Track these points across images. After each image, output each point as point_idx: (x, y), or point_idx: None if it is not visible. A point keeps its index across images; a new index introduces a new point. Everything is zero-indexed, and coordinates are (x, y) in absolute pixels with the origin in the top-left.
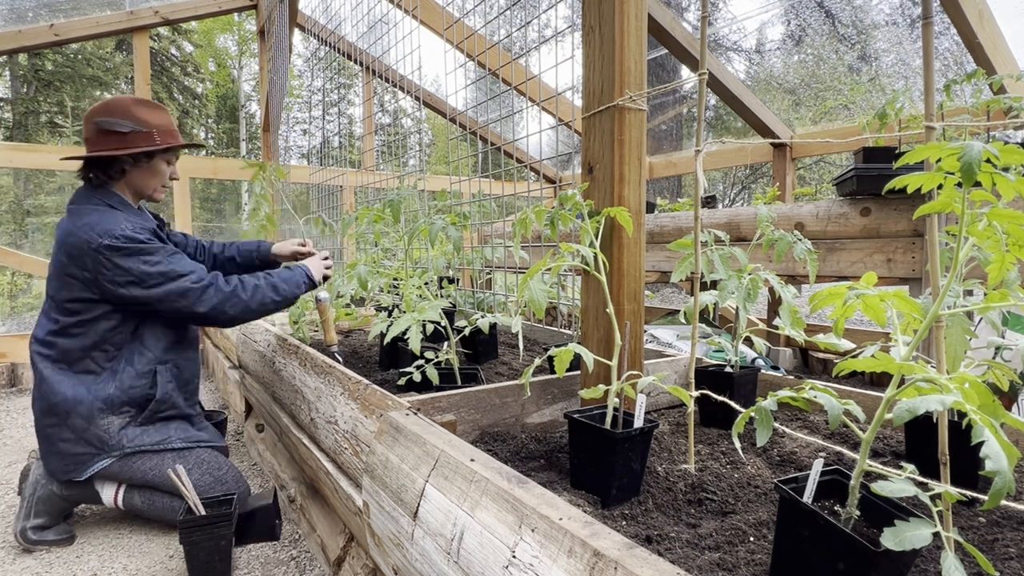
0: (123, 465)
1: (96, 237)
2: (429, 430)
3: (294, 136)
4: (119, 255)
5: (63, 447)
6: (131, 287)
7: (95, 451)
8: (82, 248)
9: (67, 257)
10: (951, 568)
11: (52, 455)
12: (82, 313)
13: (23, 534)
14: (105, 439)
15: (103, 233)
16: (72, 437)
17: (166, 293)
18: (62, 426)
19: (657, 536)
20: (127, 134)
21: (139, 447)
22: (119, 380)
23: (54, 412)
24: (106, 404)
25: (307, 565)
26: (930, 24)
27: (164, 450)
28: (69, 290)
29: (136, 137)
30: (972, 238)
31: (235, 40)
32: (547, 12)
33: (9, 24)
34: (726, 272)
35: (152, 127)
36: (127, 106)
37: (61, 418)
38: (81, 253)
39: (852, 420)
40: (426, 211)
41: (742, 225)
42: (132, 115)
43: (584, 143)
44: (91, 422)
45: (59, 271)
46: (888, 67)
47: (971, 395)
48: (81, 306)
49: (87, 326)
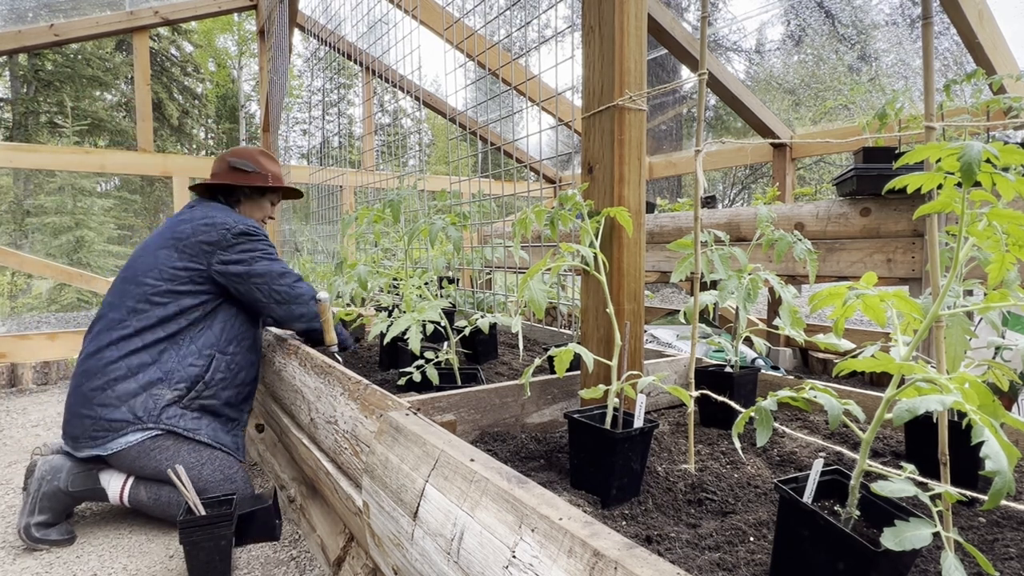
0: (143, 450)
1: (233, 222)
2: (429, 430)
3: (294, 136)
4: (247, 237)
5: (101, 412)
6: (242, 264)
7: (132, 420)
8: (218, 225)
9: (193, 230)
10: (951, 568)
11: (84, 419)
12: (180, 282)
13: (26, 531)
14: (150, 409)
15: (239, 221)
16: (115, 403)
17: (269, 269)
18: (108, 391)
19: (657, 536)
20: (249, 173)
21: (173, 428)
22: (180, 355)
23: (108, 374)
24: (165, 375)
25: (307, 565)
26: (930, 24)
27: (190, 439)
28: (179, 259)
29: (255, 176)
30: (972, 238)
31: (235, 40)
32: (547, 12)
33: (9, 24)
34: (726, 272)
35: (268, 172)
36: (254, 154)
37: (112, 382)
38: (214, 228)
39: (852, 420)
40: (426, 211)
41: (742, 225)
42: (256, 160)
43: (584, 143)
44: (146, 388)
45: (173, 241)
46: (888, 67)
47: (971, 395)
48: (184, 273)
49: (176, 296)
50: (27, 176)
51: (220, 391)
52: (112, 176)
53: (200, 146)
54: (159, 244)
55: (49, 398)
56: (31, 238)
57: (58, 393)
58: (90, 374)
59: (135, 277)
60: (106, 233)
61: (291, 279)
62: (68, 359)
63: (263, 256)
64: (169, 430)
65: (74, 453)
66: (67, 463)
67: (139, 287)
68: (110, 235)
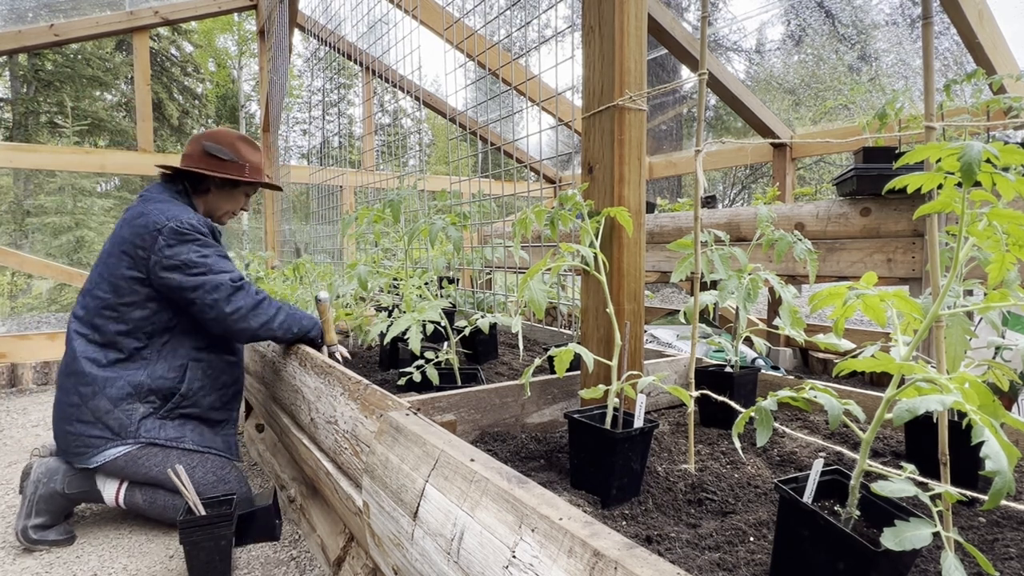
0: (130, 459)
1: (163, 219)
2: (429, 430)
3: (294, 136)
4: (176, 238)
5: (80, 428)
6: (174, 271)
7: (110, 436)
8: (148, 226)
9: (131, 233)
10: (951, 568)
11: (67, 435)
12: (124, 294)
13: (24, 533)
14: (125, 424)
15: (171, 217)
16: (91, 419)
17: (202, 283)
18: (83, 407)
19: (657, 536)
20: (224, 161)
21: (154, 440)
22: (151, 369)
23: (80, 391)
24: (135, 389)
25: (307, 565)
26: (930, 24)
27: (175, 447)
28: (120, 267)
29: (231, 166)
30: (972, 238)
31: (235, 40)
32: (547, 12)
33: (9, 24)
34: (726, 272)
35: (246, 162)
36: (232, 139)
37: (85, 398)
38: (145, 231)
39: (852, 420)
40: (426, 211)
41: (742, 225)
42: (234, 147)
43: (584, 143)
44: (117, 404)
45: (117, 246)
46: (888, 67)
47: (971, 395)
48: (126, 285)
49: (123, 310)
50: (27, 176)
51: (201, 399)
52: (112, 176)
53: None
54: (109, 249)
55: (49, 398)
56: (31, 238)
57: None
58: (66, 389)
59: (91, 289)
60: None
61: (225, 292)
62: None
63: (196, 263)
64: (151, 443)
65: (69, 463)
66: (63, 465)
67: (94, 300)
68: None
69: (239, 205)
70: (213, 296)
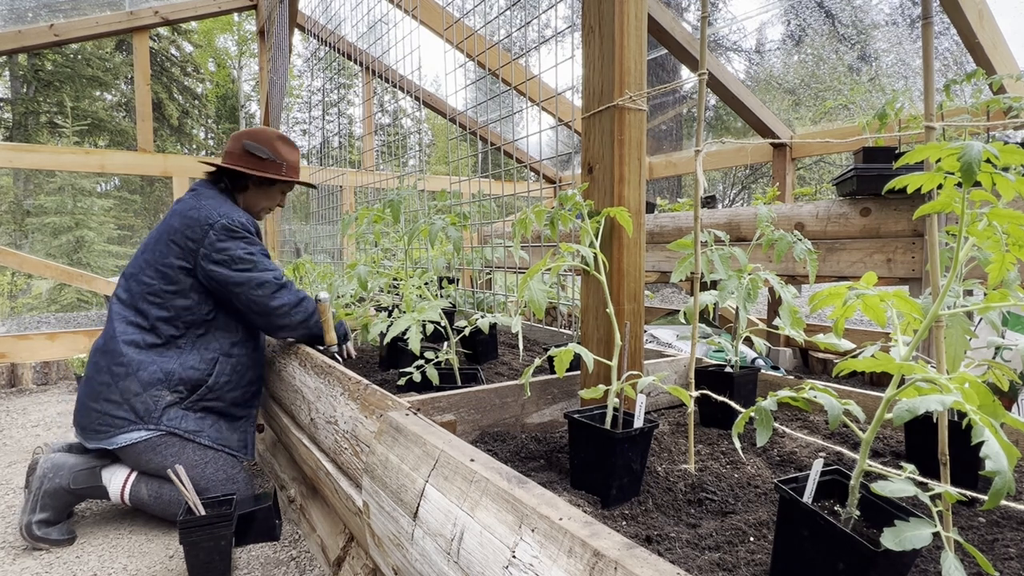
0: (148, 446)
1: (216, 216)
2: (429, 430)
3: (294, 136)
4: (227, 234)
5: (105, 407)
6: (221, 266)
7: (133, 419)
8: (200, 220)
9: (182, 224)
10: (951, 568)
11: (91, 412)
12: (170, 281)
13: (28, 528)
14: (150, 409)
15: (223, 214)
16: (118, 399)
17: (247, 279)
18: (113, 386)
19: (657, 536)
20: (263, 160)
21: (174, 429)
22: (183, 359)
23: (112, 370)
24: (166, 376)
25: (307, 565)
26: (930, 24)
27: (191, 441)
28: (169, 255)
29: (269, 165)
30: (972, 238)
31: (235, 40)
32: (547, 12)
33: (9, 24)
34: (726, 272)
35: (284, 161)
36: (271, 138)
37: (117, 377)
38: (197, 224)
39: (852, 420)
40: (426, 211)
41: (742, 225)
42: (273, 146)
43: (584, 143)
44: (146, 388)
45: (167, 235)
46: (888, 67)
47: (971, 395)
48: (172, 273)
49: (167, 297)
50: (27, 176)
51: (226, 393)
52: (112, 176)
53: (200, 146)
54: (157, 236)
55: (49, 398)
56: (31, 238)
57: (58, 393)
58: (99, 367)
59: (135, 274)
60: (106, 233)
61: (270, 289)
62: (68, 359)
63: (244, 259)
64: (171, 432)
65: (83, 443)
66: (69, 460)
67: (139, 284)
68: (110, 235)
69: (275, 202)
70: (258, 292)
